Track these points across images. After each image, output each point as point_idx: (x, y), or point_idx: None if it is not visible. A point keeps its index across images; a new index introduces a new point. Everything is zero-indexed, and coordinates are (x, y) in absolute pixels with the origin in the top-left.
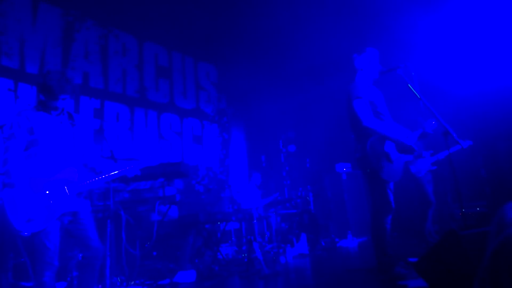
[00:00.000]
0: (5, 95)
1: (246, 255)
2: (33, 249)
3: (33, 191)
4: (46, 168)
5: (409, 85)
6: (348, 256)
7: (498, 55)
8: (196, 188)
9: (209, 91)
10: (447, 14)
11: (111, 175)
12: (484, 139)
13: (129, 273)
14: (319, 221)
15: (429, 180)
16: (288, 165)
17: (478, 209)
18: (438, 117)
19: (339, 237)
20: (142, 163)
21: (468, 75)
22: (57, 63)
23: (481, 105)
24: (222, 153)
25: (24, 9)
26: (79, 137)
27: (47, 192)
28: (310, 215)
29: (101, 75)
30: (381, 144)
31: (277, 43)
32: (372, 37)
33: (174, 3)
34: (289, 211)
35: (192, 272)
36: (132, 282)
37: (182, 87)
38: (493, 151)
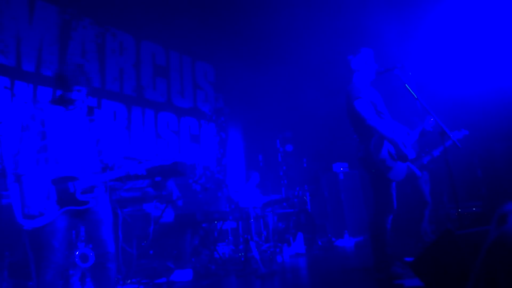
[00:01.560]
0: (1, 93)
1: (243, 254)
2: (38, 246)
3: (39, 185)
4: (55, 162)
5: (406, 85)
6: (344, 255)
7: (494, 55)
8: (193, 187)
9: (207, 91)
10: (444, 14)
11: (122, 171)
12: (480, 139)
13: (125, 272)
14: (316, 221)
15: (426, 180)
16: (285, 164)
17: (474, 209)
18: (434, 117)
19: (335, 237)
20: (155, 161)
21: (463, 75)
22: (54, 61)
23: (477, 106)
24: (219, 152)
25: (21, 6)
26: (97, 133)
27: (55, 186)
28: (307, 214)
29: (98, 73)
30: (384, 144)
31: (274, 43)
32: (369, 36)
33: (172, 2)
34: (286, 210)
35: (189, 271)
36: (129, 281)
37: (179, 86)
38: (489, 152)
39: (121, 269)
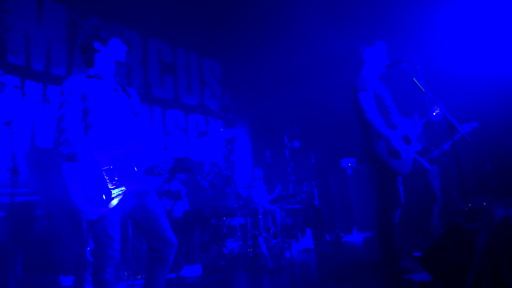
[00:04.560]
0: (12, 92)
1: (251, 250)
2: (94, 239)
3: (97, 166)
4: (107, 141)
5: (414, 78)
6: (353, 250)
7: (504, 48)
8: (201, 184)
9: (213, 87)
10: (457, 5)
11: (182, 149)
12: (489, 133)
13: (135, 267)
14: (324, 216)
15: (436, 175)
16: (293, 160)
17: (484, 203)
18: (443, 110)
19: (344, 232)
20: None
21: (473, 68)
22: (63, 60)
23: (486, 99)
24: (226, 149)
25: (29, 6)
26: (135, 110)
27: (116, 165)
28: (315, 210)
29: None
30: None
31: (281, 38)
32: (376, 33)
33: None
34: (294, 206)
35: (198, 266)
36: (139, 276)
37: (186, 83)
38: (499, 145)
39: (131, 265)
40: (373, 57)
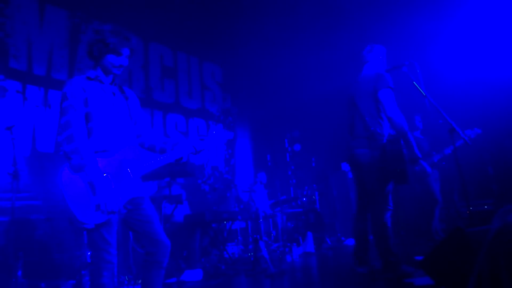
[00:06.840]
0: (14, 97)
1: (252, 254)
2: (90, 244)
3: (101, 175)
4: (106, 147)
5: (414, 82)
6: None
7: (505, 52)
8: (202, 188)
9: (214, 91)
10: (458, 10)
11: (175, 153)
12: (491, 136)
13: (136, 272)
14: (325, 220)
15: (436, 178)
16: (294, 164)
17: (485, 207)
18: (443, 113)
19: (345, 236)
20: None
21: (473, 72)
22: (64, 65)
23: (487, 102)
24: (227, 152)
25: (31, 11)
26: (133, 113)
27: (114, 173)
28: (316, 214)
29: None
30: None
31: (281, 42)
32: (378, 36)
33: (179, 3)
34: (295, 210)
35: (199, 271)
36: (139, 281)
37: (187, 87)
38: (500, 149)
39: (132, 269)
40: (374, 59)
